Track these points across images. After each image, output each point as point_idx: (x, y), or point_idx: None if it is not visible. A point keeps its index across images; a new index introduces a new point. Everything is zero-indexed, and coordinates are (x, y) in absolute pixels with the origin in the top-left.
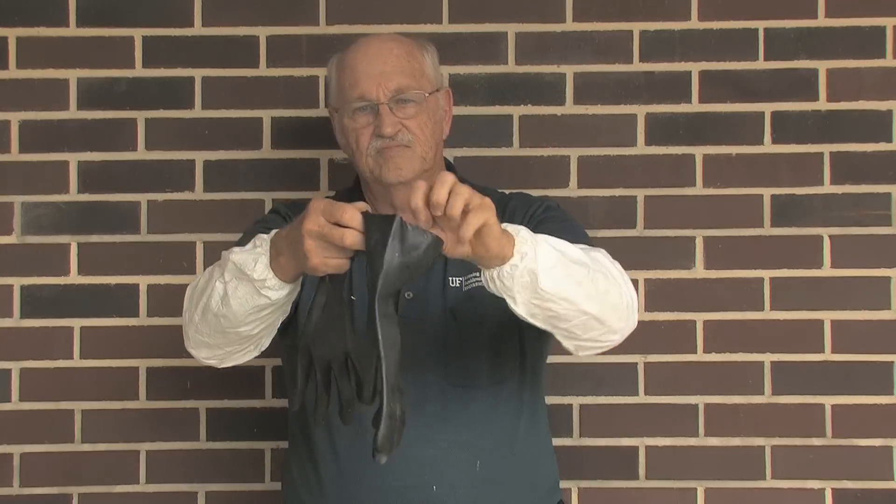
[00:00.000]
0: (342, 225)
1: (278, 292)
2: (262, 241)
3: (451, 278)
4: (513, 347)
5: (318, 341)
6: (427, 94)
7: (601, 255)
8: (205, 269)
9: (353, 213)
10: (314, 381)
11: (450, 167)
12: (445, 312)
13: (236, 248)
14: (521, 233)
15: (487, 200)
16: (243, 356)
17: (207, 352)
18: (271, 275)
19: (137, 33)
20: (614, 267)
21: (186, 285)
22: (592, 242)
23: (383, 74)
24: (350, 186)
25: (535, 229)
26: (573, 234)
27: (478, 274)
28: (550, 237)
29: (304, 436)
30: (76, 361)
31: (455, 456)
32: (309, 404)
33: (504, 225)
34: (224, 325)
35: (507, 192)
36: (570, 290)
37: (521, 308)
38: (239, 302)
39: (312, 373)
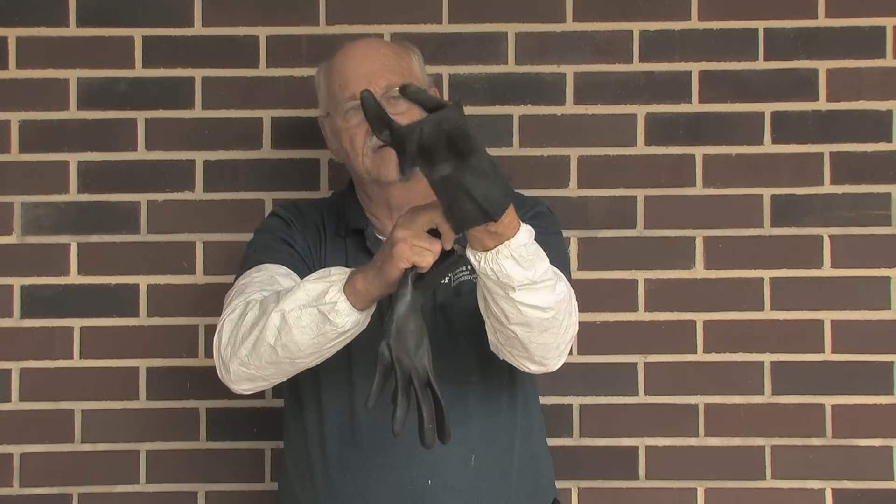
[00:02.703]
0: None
1: (347, 318)
2: (341, 270)
3: None
4: None
5: (398, 340)
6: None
7: (565, 289)
8: (232, 297)
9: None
10: (393, 384)
11: None
12: (435, 309)
13: (309, 278)
14: (509, 270)
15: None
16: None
17: (249, 384)
18: (343, 298)
19: (137, 33)
20: (571, 305)
21: (187, 285)
22: (567, 263)
23: (373, 73)
24: (343, 189)
25: None
26: (548, 249)
27: (465, 268)
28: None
29: (298, 433)
30: (76, 361)
31: (449, 451)
32: (399, 414)
33: (526, 233)
34: (281, 356)
35: None
36: (515, 315)
37: (477, 275)
38: (302, 330)
39: (392, 375)
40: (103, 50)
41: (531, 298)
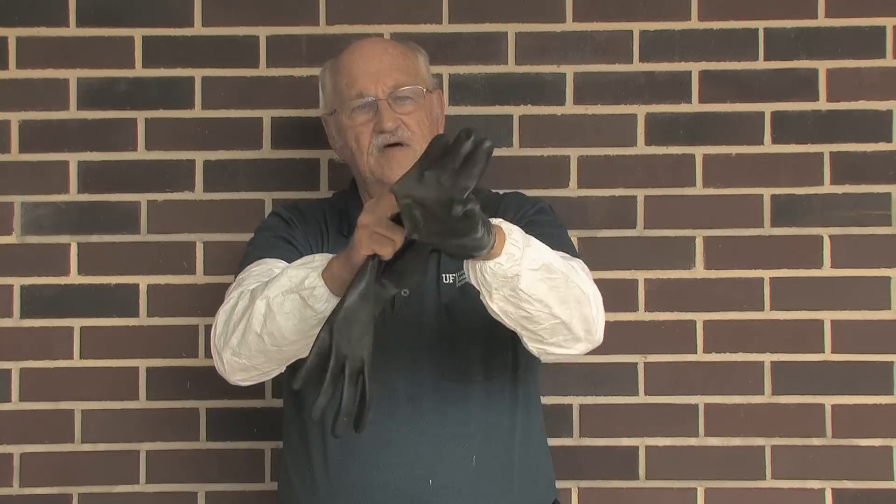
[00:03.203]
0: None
1: (325, 304)
2: (321, 258)
3: (444, 275)
4: (505, 341)
5: (342, 326)
6: (424, 91)
7: (579, 268)
8: (231, 291)
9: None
10: (325, 368)
11: None
12: (440, 308)
13: (292, 265)
14: (513, 233)
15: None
16: (278, 372)
17: (243, 374)
18: (321, 283)
19: (137, 33)
20: (590, 283)
21: (186, 285)
22: (576, 252)
23: (380, 72)
24: (346, 189)
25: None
26: (556, 240)
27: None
28: (537, 240)
29: (298, 433)
30: (76, 361)
31: (450, 450)
32: (320, 401)
33: (498, 221)
34: (268, 344)
35: (501, 191)
36: (547, 293)
37: (494, 304)
38: (285, 316)
39: (326, 358)
40: (103, 50)
41: (551, 256)
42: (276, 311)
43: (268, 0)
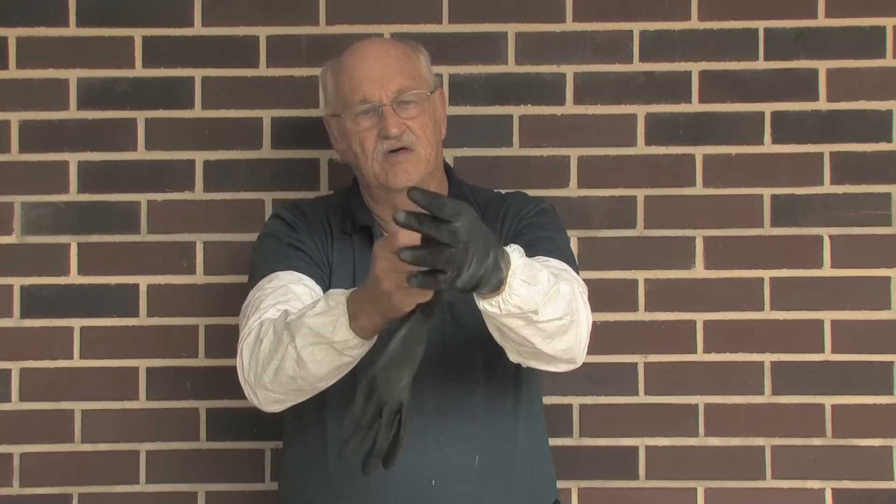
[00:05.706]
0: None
1: (360, 350)
2: (337, 300)
3: None
4: None
5: (383, 375)
6: (428, 94)
7: (572, 287)
8: (246, 314)
9: (405, 234)
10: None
11: (448, 170)
12: (443, 308)
13: (310, 312)
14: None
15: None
16: None
17: (278, 405)
18: (352, 335)
19: (137, 33)
20: (583, 302)
21: (186, 285)
22: (574, 258)
23: (384, 76)
24: (348, 187)
25: (520, 232)
26: (554, 244)
27: None
28: (542, 275)
29: (298, 434)
30: (76, 361)
31: (453, 451)
32: (354, 442)
33: (513, 271)
34: (301, 385)
35: (503, 191)
36: (533, 335)
37: (483, 312)
38: (318, 365)
39: (370, 406)
40: (103, 50)
41: (550, 312)
42: (307, 361)
43: (268, 0)
